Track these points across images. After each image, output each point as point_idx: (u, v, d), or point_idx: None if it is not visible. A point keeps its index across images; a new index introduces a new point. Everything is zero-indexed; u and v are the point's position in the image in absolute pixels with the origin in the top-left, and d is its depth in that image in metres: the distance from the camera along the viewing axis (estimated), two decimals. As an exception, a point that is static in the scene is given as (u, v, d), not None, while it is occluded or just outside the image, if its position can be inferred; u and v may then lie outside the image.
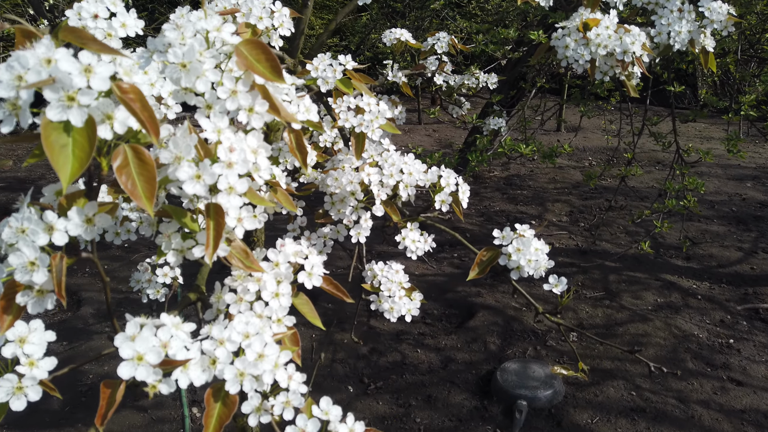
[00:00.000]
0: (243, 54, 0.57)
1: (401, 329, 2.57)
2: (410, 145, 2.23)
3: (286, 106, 0.70)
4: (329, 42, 7.00)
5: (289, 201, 0.88)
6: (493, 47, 1.94)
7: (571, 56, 1.14)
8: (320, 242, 1.07)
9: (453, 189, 1.04)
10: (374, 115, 1.02)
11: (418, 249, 1.06)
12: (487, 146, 1.99)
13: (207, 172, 0.54)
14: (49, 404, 2.01)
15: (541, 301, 2.61)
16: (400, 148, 1.21)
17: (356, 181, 1.01)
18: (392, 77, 1.60)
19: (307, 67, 1.06)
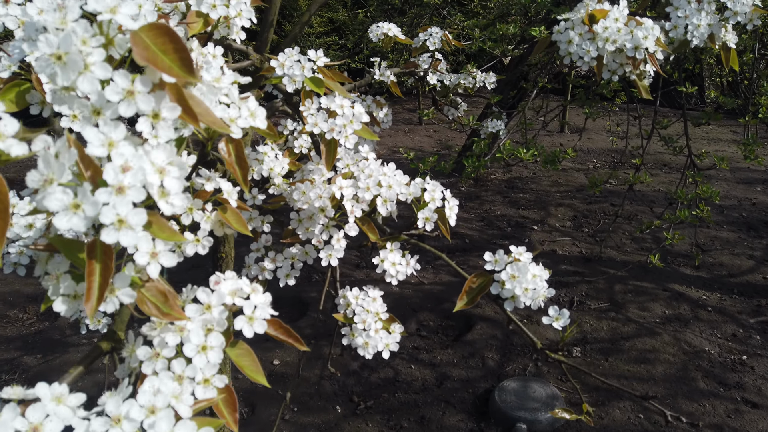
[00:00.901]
0: (143, 43, 0.43)
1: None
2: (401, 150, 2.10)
3: (221, 109, 0.57)
4: (327, 40, 6.87)
5: (240, 221, 0.74)
6: (491, 44, 1.80)
7: (575, 52, 1.00)
8: (287, 264, 0.93)
9: (438, 204, 0.90)
10: (348, 119, 0.89)
11: (399, 273, 0.92)
12: (485, 150, 1.85)
13: (87, 200, 0.40)
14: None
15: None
16: (397, 149, 1.09)
17: (326, 196, 0.87)
18: (379, 76, 1.47)
19: (272, 64, 0.92)
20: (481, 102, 4.53)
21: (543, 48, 1.09)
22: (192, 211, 0.71)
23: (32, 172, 0.41)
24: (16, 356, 2.26)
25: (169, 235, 0.45)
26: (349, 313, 0.90)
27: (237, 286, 0.58)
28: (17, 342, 2.36)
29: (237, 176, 0.58)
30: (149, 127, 0.44)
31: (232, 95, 0.60)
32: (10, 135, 0.40)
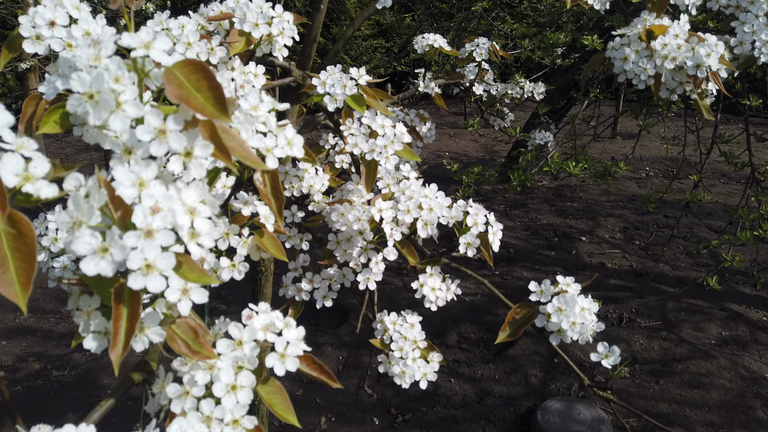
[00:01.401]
0: (177, 80, 0.42)
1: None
2: (444, 161, 2.06)
3: (258, 139, 0.55)
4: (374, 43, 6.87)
5: (277, 247, 0.73)
6: (540, 53, 1.74)
7: (631, 70, 0.94)
8: (324, 286, 0.92)
9: (481, 229, 0.87)
10: (389, 140, 0.86)
11: (439, 299, 0.89)
12: (531, 163, 1.79)
13: (116, 244, 0.39)
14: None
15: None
16: (442, 153, 1.03)
17: (365, 219, 0.85)
18: (423, 88, 1.44)
19: (314, 82, 0.91)
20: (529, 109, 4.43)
21: (596, 65, 1.04)
22: (228, 236, 0.70)
23: (61, 213, 0.40)
24: (67, 353, 2.34)
25: (199, 277, 0.44)
26: (386, 339, 0.87)
27: (269, 321, 0.56)
28: (68, 338, 2.44)
29: (272, 208, 0.56)
30: (181, 166, 0.43)
31: (269, 123, 0.58)
32: (40, 176, 0.39)
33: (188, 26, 0.78)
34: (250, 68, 0.83)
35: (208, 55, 0.78)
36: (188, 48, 0.77)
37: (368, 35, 7.14)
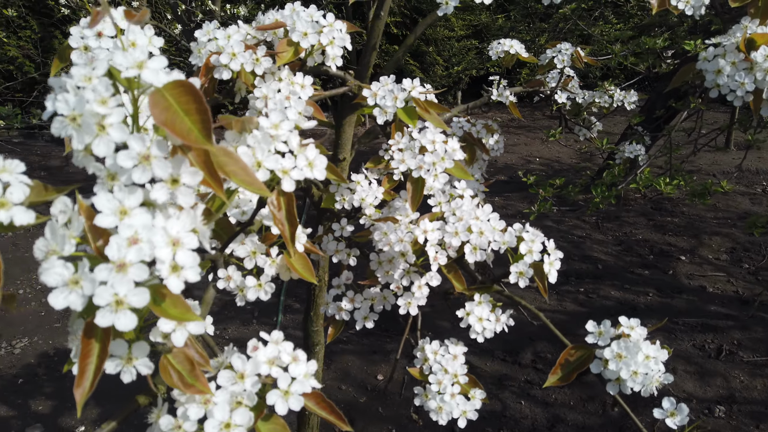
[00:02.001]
0: (164, 102, 0.39)
1: (505, 372, 2.29)
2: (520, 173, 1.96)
3: (273, 160, 0.52)
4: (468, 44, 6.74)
5: (306, 267, 0.69)
6: (634, 60, 1.60)
7: (725, 85, 0.82)
8: (365, 306, 0.88)
9: (536, 258, 0.79)
10: (438, 157, 0.80)
11: (486, 330, 0.82)
12: (619, 178, 1.65)
13: (86, 276, 0.37)
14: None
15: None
16: (532, 159, 0.94)
17: (408, 240, 0.80)
18: (497, 96, 1.36)
19: (364, 93, 0.87)
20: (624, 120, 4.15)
21: (686, 76, 0.92)
22: (255, 255, 0.67)
23: (39, 240, 0.39)
24: (150, 340, 2.47)
25: (182, 313, 0.41)
26: (425, 369, 0.82)
27: (275, 354, 0.52)
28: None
29: (284, 234, 0.53)
30: (166, 194, 0.40)
31: (291, 143, 0.55)
32: (17, 202, 0.38)
33: (234, 37, 0.77)
34: (298, 79, 0.81)
35: (254, 66, 0.77)
36: (233, 58, 0.75)
37: (462, 36, 7.03)
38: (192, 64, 0.79)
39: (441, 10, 0.89)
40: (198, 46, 0.77)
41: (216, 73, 0.75)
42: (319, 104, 0.88)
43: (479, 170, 1.20)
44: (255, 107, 0.79)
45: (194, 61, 0.78)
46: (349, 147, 1.11)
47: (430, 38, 7.25)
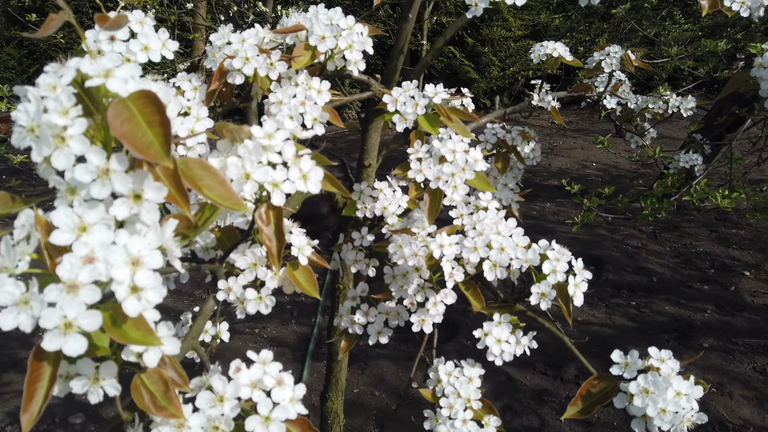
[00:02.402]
0: (126, 113, 0.37)
1: (546, 387, 2.20)
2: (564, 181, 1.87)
3: (263, 172, 0.49)
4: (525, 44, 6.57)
5: (310, 281, 0.67)
6: (692, 63, 1.49)
7: (782, 93, 0.74)
8: (380, 321, 0.84)
9: (560, 279, 0.73)
10: (458, 167, 0.76)
11: (505, 353, 0.77)
12: (672, 190, 1.55)
13: (35, 297, 0.35)
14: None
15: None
16: (588, 164, 0.86)
17: (422, 254, 0.76)
18: (538, 101, 1.30)
19: (385, 99, 0.83)
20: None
21: (739, 84, 0.84)
22: (256, 267, 0.65)
23: (-3, 255, 0.37)
24: (192, 335, 2.52)
25: (143, 336, 0.39)
26: (438, 390, 0.78)
27: (258, 377, 0.50)
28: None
29: (271, 251, 0.50)
30: (127, 210, 0.38)
31: (285, 153, 0.52)
32: (-26, 217, 0.37)
33: (249, 40, 0.75)
34: (314, 84, 0.78)
35: (268, 71, 0.74)
36: (246, 63, 0.74)
37: (520, 36, 6.87)
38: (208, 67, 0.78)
39: (470, 12, 0.84)
40: (212, 50, 0.76)
41: (229, 78, 0.74)
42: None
43: (514, 179, 1.14)
44: (270, 113, 0.77)
45: (209, 65, 0.76)
46: (376, 153, 1.08)
47: (486, 39, 7.13)
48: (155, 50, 0.71)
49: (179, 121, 0.70)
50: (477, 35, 7.10)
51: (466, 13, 0.86)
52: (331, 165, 0.62)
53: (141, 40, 0.70)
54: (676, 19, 4.49)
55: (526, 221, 3.11)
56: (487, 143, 1.11)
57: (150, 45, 0.71)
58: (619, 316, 2.67)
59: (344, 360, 1.26)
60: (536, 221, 3.83)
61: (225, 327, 0.93)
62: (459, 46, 7.22)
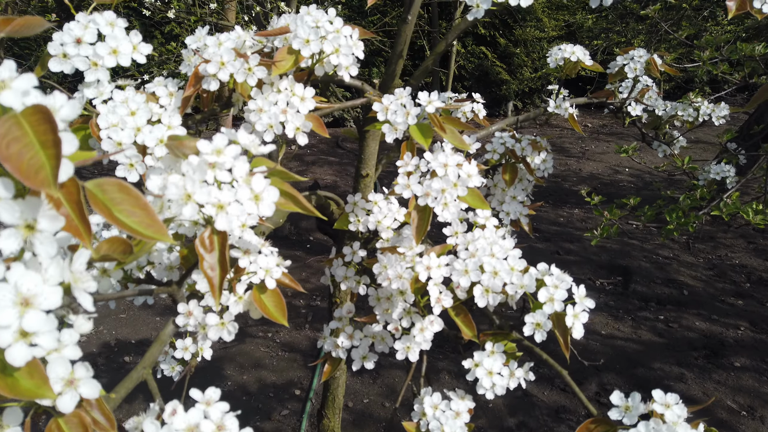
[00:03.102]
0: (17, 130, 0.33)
1: (564, 404, 2.11)
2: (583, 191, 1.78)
3: (205, 193, 0.44)
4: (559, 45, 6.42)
5: (278, 306, 0.62)
6: (726, 68, 1.39)
7: (817, 106, 0.65)
8: (365, 344, 0.79)
9: (557, 308, 0.66)
10: (449, 183, 0.70)
11: (497, 386, 0.71)
12: (701, 203, 1.45)
13: None
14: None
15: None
16: (620, 169, 0.76)
17: (407, 277, 0.70)
18: (554, 108, 1.22)
19: (375, 107, 0.77)
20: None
21: (765, 96, 0.75)
22: (217, 291, 0.60)
23: None
24: (206, 336, 2.50)
25: (36, 387, 0.34)
26: (422, 425, 0.72)
27: (195, 421, 0.45)
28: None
29: (212, 282, 0.45)
30: (17, 242, 0.33)
31: (236, 171, 0.47)
32: None
33: (226, 44, 0.70)
34: (297, 90, 0.73)
35: (246, 76, 0.70)
36: (221, 68, 0.69)
37: (554, 37, 6.70)
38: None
39: (471, 14, 0.78)
40: (188, 53, 0.71)
41: (204, 84, 0.69)
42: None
43: (523, 191, 1.07)
44: (250, 120, 0.72)
45: (184, 69, 0.72)
46: (374, 162, 1.02)
47: (519, 39, 6.98)
48: (125, 54, 0.67)
49: (148, 130, 0.66)
50: (510, 35, 6.96)
51: (467, 15, 0.80)
52: (300, 181, 0.57)
53: (110, 43, 0.66)
54: (718, 20, 4.31)
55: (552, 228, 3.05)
56: (494, 153, 1.04)
57: (120, 48, 0.67)
58: (645, 331, 2.55)
59: (341, 377, 1.20)
60: (563, 228, 3.72)
61: (208, 344, 0.88)
62: (491, 47, 7.10)
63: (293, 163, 5.46)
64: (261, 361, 2.34)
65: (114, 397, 0.54)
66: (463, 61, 6.94)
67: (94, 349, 2.37)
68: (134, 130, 0.65)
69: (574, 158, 5.44)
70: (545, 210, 4.07)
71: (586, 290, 0.69)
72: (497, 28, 7.07)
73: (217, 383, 2.20)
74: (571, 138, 6.23)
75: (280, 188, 0.52)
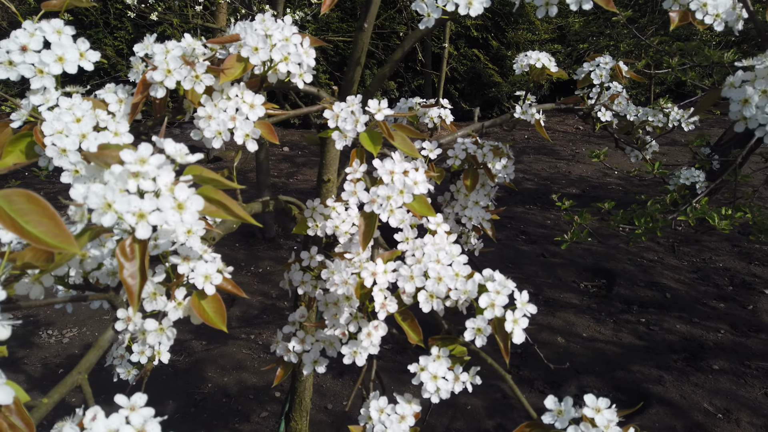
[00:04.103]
0: None
1: (542, 406, 2.11)
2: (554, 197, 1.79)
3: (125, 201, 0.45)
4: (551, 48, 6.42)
5: (218, 312, 0.63)
6: (694, 75, 1.40)
7: (752, 117, 0.67)
8: (316, 349, 0.80)
9: (498, 314, 0.67)
10: (394, 190, 0.71)
11: (442, 391, 0.72)
12: (670, 208, 1.46)
13: None
14: (162, 407, 2.07)
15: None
16: (610, 171, 0.77)
17: (352, 283, 0.71)
18: (521, 114, 1.24)
19: (325, 114, 0.78)
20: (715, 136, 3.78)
21: (711, 102, 0.77)
22: (156, 297, 0.61)
23: None
24: (188, 338, 2.51)
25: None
26: (368, 429, 0.72)
27: (114, 427, 0.46)
28: (192, 325, 2.62)
29: (131, 290, 0.46)
30: None
31: (160, 180, 0.48)
32: None
33: (173, 51, 0.71)
34: (247, 97, 0.74)
35: (193, 84, 0.70)
36: (167, 75, 0.70)
37: (546, 39, 6.72)
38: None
39: (423, 23, 0.79)
40: (135, 61, 0.72)
41: (152, 91, 0.70)
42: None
43: (486, 197, 1.09)
44: (199, 127, 0.73)
45: (132, 77, 0.73)
46: (336, 167, 1.03)
47: (511, 42, 7.00)
48: (71, 61, 0.68)
49: (93, 137, 0.67)
50: (502, 38, 6.98)
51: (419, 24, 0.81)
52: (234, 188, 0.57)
53: (55, 51, 0.67)
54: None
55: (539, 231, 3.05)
56: (456, 158, 1.05)
57: (66, 56, 0.68)
58: (626, 334, 2.57)
59: (308, 380, 1.21)
60: (550, 231, 3.73)
61: (165, 348, 0.89)
62: (483, 49, 7.12)
63: (284, 164, 5.47)
64: (243, 363, 2.35)
65: (47, 402, 0.55)
66: (455, 63, 6.95)
67: (76, 351, 2.38)
68: (79, 136, 0.66)
69: (564, 161, 5.46)
70: (533, 212, 4.09)
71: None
72: (489, 31, 7.09)
73: (197, 385, 2.21)
74: (562, 141, 6.25)
75: (211, 196, 0.53)
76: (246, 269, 3.21)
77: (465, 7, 0.76)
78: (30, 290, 0.53)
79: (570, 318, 2.67)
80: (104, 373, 0.82)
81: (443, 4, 0.76)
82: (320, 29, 6.14)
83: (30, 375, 2.25)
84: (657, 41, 2.32)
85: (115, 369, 0.93)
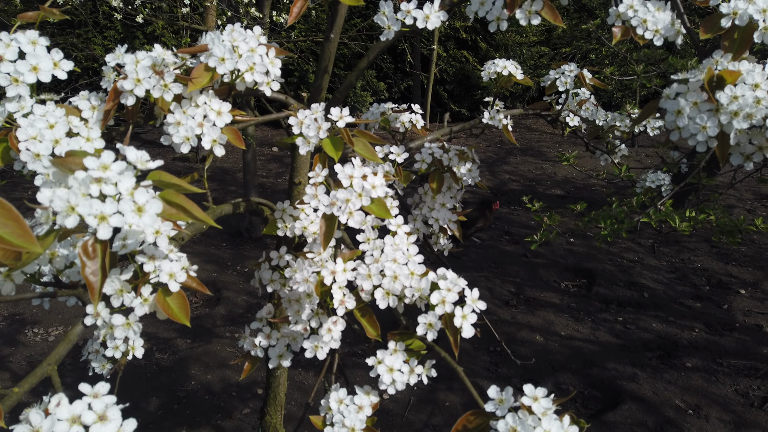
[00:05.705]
0: None
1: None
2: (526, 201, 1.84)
3: (87, 205, 0.49)
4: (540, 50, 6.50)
5: (183, 308, 0.67)
6: (659, 82, 1.46)
7: (685, 128, 0.72)
8: (281, 344, 0.84)
9: (448, 310, 0.72)
10: (353, 194, 0.75)
11: (396, 382, 0.76)
12: (636, 209, 1.52)
13: None
14: (146, 403, 2.11)
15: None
16: (595, 174, 0.83)
17: (313, 281, 0.75)
18: (489, 119, 1.28)
19: (290, 121, 0.83)
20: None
21: (651, 113, 0.81)
22: (122, 294, 0.65)
23: None
24: (173, 336, 2.54)
25: None
26: (328, 419, 0.77)
27: (78, 412, 0.50)
28: (178, 324, 2.65)
29: (92, 287, 0.50)
30: None
31: (121, 185, 0.52)
32: None
33: (143, 62, 0.75)
34: (214, 105, 0.78)
35: (162, 92, 0.74)
36: (137, 84, 0.74)
37: (534, 42, 6.79)
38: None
39: (384, 35, 0.83)
40: (107, 70, 0.76)
41: (122, 99, 0.74)
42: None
43: (452, 199, 1.13)
44: (168, 133, 0.77)
45: (104, 84, 0.77)
46: (306, 171, 1.07)
47: (500, 44, 7.07)
48: (46, 71, 0.72)
49: (66, 142, 0.71)
50: (491, 40, 7.05)
51: (381, 36, 0.85)
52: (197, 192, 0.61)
53: (30, 61, 0.71)
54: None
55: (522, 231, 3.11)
56: (423, 162, 1.10)
57: (40, 66, 0.72)
58: (603, 332, 2.62)
59: (282, 375, 1.25)
60: (533, 231, 3.78)
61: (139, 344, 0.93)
62: (472, 51, 7.18)
63: (273, 164, 5.50)
64: (226, 360, 2.38)
65: (17, 391, 0.59)
66: (444, 64, 7.01)
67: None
68: (52, 142, 0.70)
69: (550, 162, 5.52)
70: (517, 213, 4.14)
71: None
72: (479, 33, 7.16)
73: (181, 382, 2.24)
74: (549, 142, 6.32)
75: (171, 200, 0.57)
76: (232, 268, 3.24)
77: (423, 21, 0.80)
78: (2, 287, 0.57)
79: (549, 317, 2.72)
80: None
81: (402, 17, 0.80)
82: (310, 30, 6.17)
83: (15, 372, 2.27)
84: (625, 48, 2.38)
85: (90, 363, 0.96)
